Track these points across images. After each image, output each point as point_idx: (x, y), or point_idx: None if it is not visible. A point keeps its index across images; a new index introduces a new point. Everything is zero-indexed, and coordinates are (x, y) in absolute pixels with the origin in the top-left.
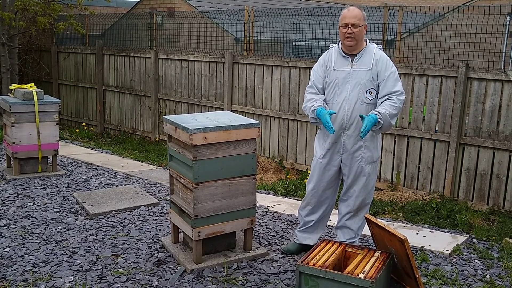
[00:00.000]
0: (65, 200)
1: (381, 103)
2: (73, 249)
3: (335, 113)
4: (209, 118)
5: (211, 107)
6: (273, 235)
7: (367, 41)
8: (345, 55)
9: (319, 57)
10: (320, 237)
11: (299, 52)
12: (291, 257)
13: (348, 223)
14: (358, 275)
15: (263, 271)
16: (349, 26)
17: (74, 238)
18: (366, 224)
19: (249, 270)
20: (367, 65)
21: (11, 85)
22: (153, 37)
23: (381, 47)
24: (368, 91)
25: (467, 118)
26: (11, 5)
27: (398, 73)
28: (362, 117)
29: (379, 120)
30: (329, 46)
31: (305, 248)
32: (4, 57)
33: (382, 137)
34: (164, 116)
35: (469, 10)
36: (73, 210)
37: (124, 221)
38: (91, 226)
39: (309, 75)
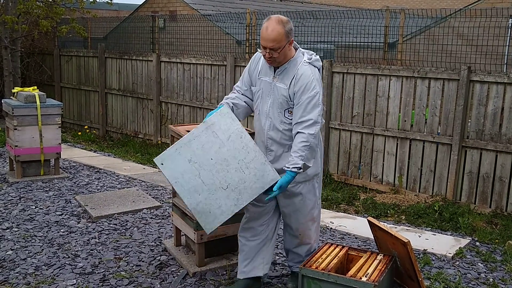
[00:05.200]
0: (68, 203)
1: (295, 136)
2: (76, 252)
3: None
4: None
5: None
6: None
7: (298, 50)
8: (269, 65)
9: (321, 60)
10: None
11: None
12: None
13: (296, 250)
14: (360, 278)
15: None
16: (267, 50)
17: (76, 241)
18: (369, 227)
19: None
20: (286, 82)
21: (13, 88)
22: (155, 40)
23: (314, 58)
24: (287, 110)
25: (469, 121)
26: (14, 9)
27: (400, 76)
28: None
29: (297, 172)
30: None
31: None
32: (6, 60)
33: (384, 140)
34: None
35: (471, 12)
36: (75, 213)
37: (127, 224)
38: (94, 229)
39: None
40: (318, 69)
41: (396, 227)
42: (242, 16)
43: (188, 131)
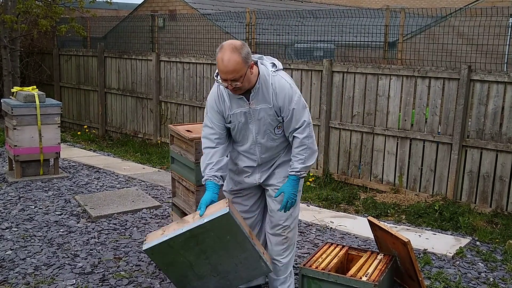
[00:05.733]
0: (67, 202)
1: (292, 141)
2: (75, 252)
3: (215, 201)
4: None
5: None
6: None
7: (259, 65)
8: (238, 96)
9: (321, 59)
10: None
11: (301, 54)
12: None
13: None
14: (361, 278)
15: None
16: (229, 82)
17: (76, 241)
18: (369, 226)
19: None
20: (267, 101)
21: (13, 88)
22: (155, 40)
23: (276, 63)
24: (276, 127)
25: (470, 120)
26: (13, 8)
27: (401, 75)
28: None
29: (300, 177)
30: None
31: None
32: (6, 60)
33: (384, 140)
34: None
35: (472, 12)
36: (75, 213)
37: (126, 224)
38: (93, 229)
39: (311, 78)
40: (282, 68)
41: (396, 227)
42: (242, 15)
43: (188, 131)
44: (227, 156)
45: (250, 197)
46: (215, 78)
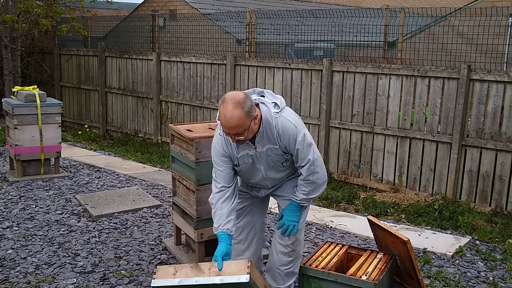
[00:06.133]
0: (68, 202)
1: (299, 171)
2: (76, 251)
3: (230, 253)
4: None
5: (213, 109)
6: None
7: (260, 108)
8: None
9: (321, 59)
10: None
11: (301, 53)
12: None
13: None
14: (361, 276)
15: None
16: (232, 136)
17: (76, 240)
18: (369, 225)
19: None
20: (273, 143)
21: (13, 87)
22: (155, 39)
23: (279, 103)
24: (284, 161)
25: (469, 119)
26: (14, 8)
27: (400, 74)
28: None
29: (300, 204)
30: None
31: None
32: (6, 59)
33: (383, 139)
34: None
35: (471, 11)
36: (75, 212)
37: (127, 223)
38: (94, 228)
39: (311, 77)
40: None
41: (396, 226)
42: (242, 15)
43: (189, 130)
44: (235, 198)
45: (247, 198)
46: (218, 123)
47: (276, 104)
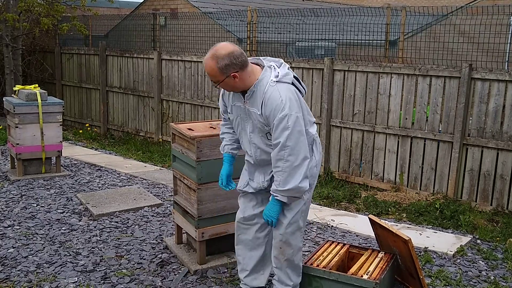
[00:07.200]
0: (69, 201)
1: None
2: (77, 250)
3: (231, 174)
4: None
5: (214, 108)
6: None
7: (264, 69)
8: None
9: (322, 57)
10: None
11: (302, 52)
12: None
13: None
14: (362, 276)
15: None
16: (212, 80)
17: (77, 239)
18: (370, 225)
19: None
20: (257, 107)
21: (15, 86)
22: (156, 38)
23: (282, 73)
24: (268, 133)
25: (471, 118)
26: (15, 7)
27: (402, 73)
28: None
29: (276, 198)
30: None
31: None
32: (8, 58)
33: (385, 138)
34: None
35: (473, 10)
36: (76, 211)
37: (128, 222)
38: (95, 227)
39: (312, 76)
40: (292, 83)
41: (397, 225)
42: (243, 13)
43: (190, 129)
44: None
45: (253, 198)
46: None
47: (279, 74)
